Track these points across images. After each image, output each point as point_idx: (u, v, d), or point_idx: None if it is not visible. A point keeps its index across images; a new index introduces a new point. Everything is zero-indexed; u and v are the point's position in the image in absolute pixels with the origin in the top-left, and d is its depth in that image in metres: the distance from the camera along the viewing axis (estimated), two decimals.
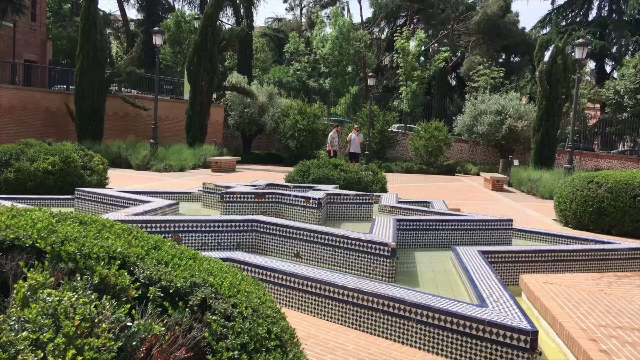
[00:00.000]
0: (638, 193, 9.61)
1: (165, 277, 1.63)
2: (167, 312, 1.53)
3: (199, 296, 1.63)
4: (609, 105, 35.66)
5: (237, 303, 1.67)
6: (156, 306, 1.54)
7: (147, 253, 1.78)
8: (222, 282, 1.76)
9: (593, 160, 31.11)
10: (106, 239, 1.75)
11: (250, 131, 30.45)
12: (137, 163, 19.87)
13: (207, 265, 1.88)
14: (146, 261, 1.71)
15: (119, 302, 1.47)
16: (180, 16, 37.76)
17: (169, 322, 1.49)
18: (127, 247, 1.74)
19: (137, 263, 1.68)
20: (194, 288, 1.66)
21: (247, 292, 1.80)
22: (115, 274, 1.53)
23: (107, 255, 1.63)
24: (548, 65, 22.42)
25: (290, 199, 7.68)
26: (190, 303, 1.60)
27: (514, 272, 6.57)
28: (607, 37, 45.64)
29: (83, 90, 22.03)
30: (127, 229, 1.98)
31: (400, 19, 50.90)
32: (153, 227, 6.02)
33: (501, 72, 36.60)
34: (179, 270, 1.72)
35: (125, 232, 1.92)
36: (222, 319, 1.57)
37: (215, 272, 1.84)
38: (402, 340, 4.33)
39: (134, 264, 1.68)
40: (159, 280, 1.62)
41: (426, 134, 28.67)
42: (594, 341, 4.28)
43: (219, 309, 1.60)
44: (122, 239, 1.83)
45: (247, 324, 1.60)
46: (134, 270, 1.66)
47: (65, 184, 11.03)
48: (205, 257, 2.06)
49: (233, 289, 1.75)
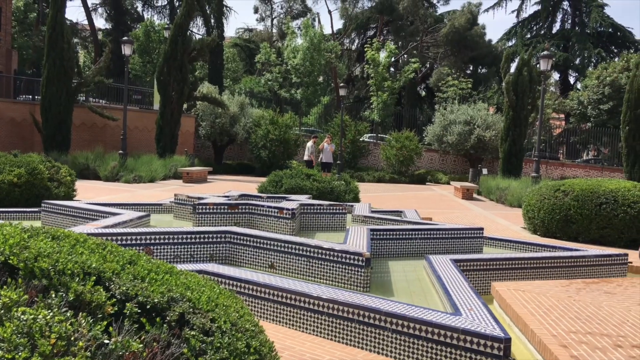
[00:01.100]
0: (603, 201, 9.86)
1: (142, 293, 1.61)
2: (144, 328, 1.51)
3: (177, 311, 1.60)
4: (573, 115, 36.59)
5: (215, 317, 1.65)
6: (133, 322, 1.52)
7: (123, 268, 1.75)
8: (200, 296, 1.73)
9: (559, 169, 31.83)
10: (80, 254, 1.71)
11: (222, 141, 30.28)
12: (105, 174, 19.53)
13: (184, 279, 1.86)
14: (122, 276, 1.67)
15: (95, 319, 1.44)
16: (150, 26, 37.45)
17: (147, 338, 1.46)
18: (102, 263, 1.71)
19: (113, 279, 1.65)
20: (171, 303, 1.63)
21: (226, 306, 1.78)
22: (91, 290, 1.49)
23: (82, 271, 1.59)
24: (514, 77, 22.91)
25: (263, 209, 7.65)
26: (168, 318, 1.57)
27: (486, 279, 6.66)
28: (571, 49, 46.92)
29: (49, 100, 21.60)
30: (102, 244, 1.94)
31: (370, 30, 51.48)
32: (124, 240, 5.92)
33: (469, 83, 37.26)
34: (156, 285, 1.70)
35: (99, 247, 1.88)
36: (201, 334, 1.55)
37: (193, 286, 1.81)
38: (377, 350, 4.33)
39: (109, 279, 1.64)
40: (136, 296, 1.60)
41: (397, 143, 28.95)
42: (565, 347, 4.36)
43: (198, 324, 1.58)
44: (96, 254, 1.79)
45: (226, 338, 1.59)
46: (109, 286, 1.62)
47: (31, 196, 10.79)
48: (182, 271, 2.03)
49: (211, 303, 1.73)
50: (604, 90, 32.75)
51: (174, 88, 23.81)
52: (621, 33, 46.32)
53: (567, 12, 49.57)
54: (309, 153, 21.86)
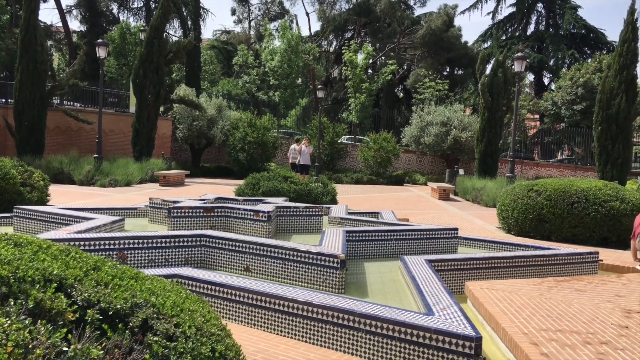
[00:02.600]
0: (575, 200, 10.04)
1: (104, 299, 1.60)
2: (106, 334, 1.51)
3: (140, 317, 1.60)
4: (547, 116, 37.16)
5: (180, 322, 1.66)
6: (95, 329, 1.51)
7: (86, 274, 1.74)
8: (165, 301, 1.74)
9: (534, 169, 32.30)
10: (42, 261, 1.70)
11: (200, 144, 30.11)
12: (80, 178, 19.27)
13: (149, 284, 1.86)
14: (84, 283, 1.67)
15: (55, 326, 1.43)
16: (126, 28, 37.08)
17: (108, 345, 1.46)
18: (64, 269, 1.70)
19: (75, 285, 1.64)
20: (135, 309, 1.63)
21: (191, 310, 1.79)
22: (51, 297, 1.49)
23: (43, 278, 1.59)
24: (489, 78, 23.21)
25: (239, 212, 7.63)
26: (131, 324, 1.57)
27: (460, 279, 6.74)
28: (545, 50, 47.65)
29: (22, 103, 21.26)
30: (65, 250, 1.93)
31: (348, 32, 51.66)
32: (96, 245, 5.86)
33: (446, 85, 37.63)
34: (120, 291, 1.70)
35: (62, 253, 1.87)
36: (164, 339, 1.56)
37: (158, 291, 1.82)
38: (352, 351, 4.36)
39: (71, 286, 1.64)
40: (98, 302, 1.59)
41: (375, 145, 29.09)
42: (536, 345, 4.44)
43: (161, 329, 1.58)
44: (59, 260, 1.78)
45: (191, 343, 1.59)
46: (71, 292, 1.62)
47: (3, 202, 10.61)
48: (148, 276, 2.03)
49: (176, 308, 1.73)
50: (577, 91, 33.32)
51: (150, 91, 23.61)
52: (594, 34, 47.20)
53: (541, 14, 50.35)
54: (294, 156, 21.91)
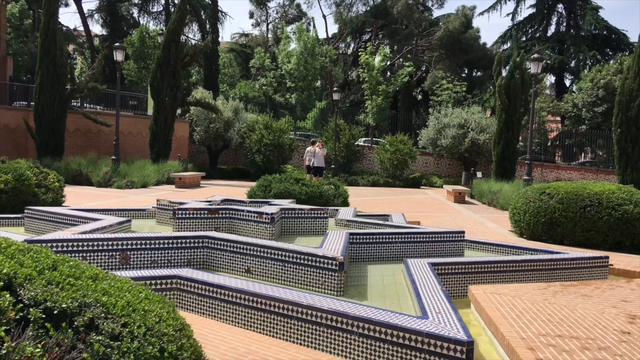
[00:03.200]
0: (588, 204, 9.86)
1: (51, 298, 1.62)
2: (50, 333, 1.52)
3: (87, 316, 1.61)
4: (568, 118, 36.65)
5: (128, 322, 1.66)
6: (39, 328, 1.53)
7: (41, 273, 1.76)
8: (117, 301, 1.74)
9: (554, 172, 31.84)
10: None
11: (217, 146, 30.31)
12: (97, 180, 19.53)
13: (106, 284, 1.86)
14: (35, 282, 1.68)
15: None
16: (145, 31, 37.53)
17: (49, 343, 1.47)
18: (18, 268, 1.72)
19: (24, 284, 1.66)
20: (83, 308, 1.64)
21: (145, 310, 1.79)
22: None
23: None
24: (506, 80, 22.97)
25: (243, 214, 7.65)
26: (76, 324, 1.58)
27: (464, 283, 6.66)
28: (566, 51, 47.01)
29: (42, 106, 21.64)
30: (26, 249, 1.95)
31: (365, 34, 51.60)
32: (99, 246, 5.93)
33: (464, 86, 37.33)
34: (71, 290, 1.71)
35: (20, 253, 1.89)
36: (108, 339, 1.56)
37: (113, 291, 1.82)
38: (345, 354, 4.33)
39: (20, 285, 1.65)
40: (45, 302, 1.61)
41: (391, 147, 28.97)
42: (532, 350, 4.36)
43: (107, 328, 1.59)
44: (14, 259, 1.80)
45: (136, 343, 1.59)
46: (19, 291, 1.63)
47: (18, 203, 10.77)
48: (110, 275, 2.04)
49: (128, 308, 1.74)
50: (597, 93, 32.81)
51: (167, 94, 23.85)
52: (616, 35, 46.43)
53: (562, 15, 49.70)
54: (309, 158, 21.92)
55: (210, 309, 5.10)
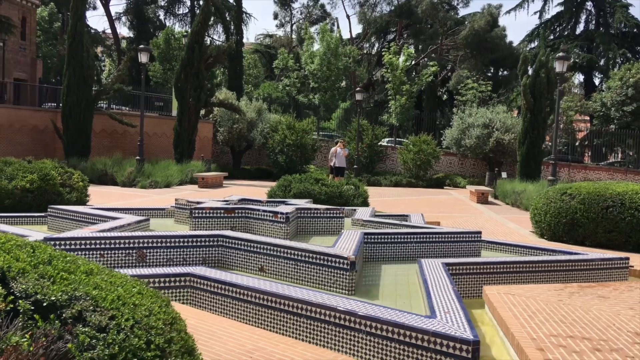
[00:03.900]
0: (610, 204, 9.69)
1: (41, 291, 1.69)
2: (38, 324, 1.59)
3: (75, 309, 1.68)
4: (597, 117, 35.97)
5: (116, 315, 1.73)
6: (28, 319, 1.60)
7: (35, 267, 1.84)
8: (107, 295, 1.81)
9: (582, 172, 31.27)
10: None
11: (240, 147, 30.56)
12: (122, 180, 19.89)
13: (99, 279, 1.93)
14: (28, 276, 1.76)
15: None
16: (170, 33, 38.05)
17: (36, 333, 1.54)
18: (12, 262, 1.80)
19: (17, 277, 1.73)
20: (72, 301, 1.71)
21: (135, 304, 1.85)
22: None
23: None
24: (532, 79, 22.67)
25: (259, 213, 7.73)
26: (64, 315, 1.65)
27: (479, 283, 6.63)
28: (595, 50, 46.14)
29: (70, 107, 22.13)
30: (23, 244, 2.03)
31: (390, 34, 51.41)
32: (116, 244, 6.06)
33: (489, 86, 36.92)
34: (63, 284, 1.78)
35: (17, 248, 1.97)
36: (95, 330, 1.63)
37: (105, 285, 1.89)
38: (352, 352, 4.36)
39: (13, 278, 1.73)
40: (35, 294, 1.68)
41: (415, 147, 28.82)
42: (542, 350, 4.33)
43: (94, 321, 1.65)
44: (10, 254, 1.88)
45: (122, 335, 1.65)
46: (11, 284, 1.71)
47: (43, 202, 11.03)
48: (107, 271, 2.11)
49: (118, 301, 1.80)
50: (627, 92, 32.13)
51: (191, 95, 24.16)
52: None
53: (591, 13, 48.79)
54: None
55: (222, 307, 5.18)
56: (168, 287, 5.39)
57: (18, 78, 31.81)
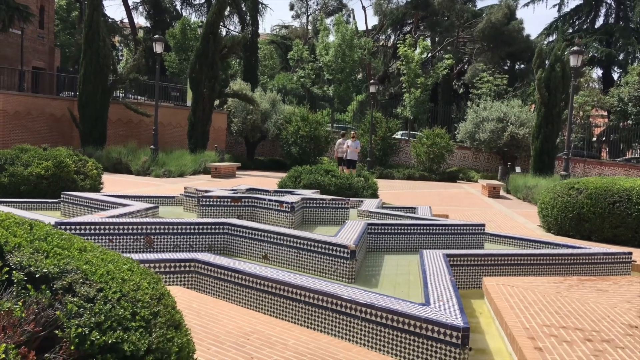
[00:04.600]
0: (617, 199, 9.68)
1: (35, 264, 1.83)
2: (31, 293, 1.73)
3: (66, 281, 1.82)
4: (614, 112, 35.55)
5: (104, 288, 1.86)
6: (22, 289, 1.74)
7: (31, 243, 1.98)
8: (97, 270, 1.95)
9: (597, 168, 30.95)
10: None
11: (254, 137, 30.75)
12: (137, 169, 20.17)
13: (91, 255, 2.07)
14: (23, 250, 1.90)
15: None
16: (186, 24, 38.26)
17: (28, 301, 1.68)
18: (9, 237, 1.94)
19: (13, 251, 1.88)
20: (63, 274, 1.85)
21: (124, 279, 1.99)
22: None
23: None
24: (547, 73, 22.49)
25: (265, 203, 7.87)
26: (55, 287, 1.79)
27: (480, 275, 6.71)
28: (614, 44, 45.49)
29: (86, 96, 22.44)
30: (21, 222, 2.18)
31: (406, 26, 51.13)
32: (124, 230, 6.24)
33: (505, 79, 36.63)
34: (56, 258, 1.92)
35: (15, 225, 2.12)
36: (83, 300, 1.76)
37: (96, 261, 2.03)
38: (347, 337, 4.49)
39: (9, 252, 1.87)
40: (29, 266, 1.82)
41: (428, 140, 28.79)
42: (532, 339, 4.42)
43: (82, 292, 1.79)
44: (9, 230, 2.03)
45: (108, 305, 1.79)
46: (6, 257, 1.85)
47: (58, 188, 11.27)
48: (100, 249, 2.25)
49: (107, 276, 1.94)
50: None
51: (205, 85, 24.36)
52: None
53: (610, 7, 48.05)
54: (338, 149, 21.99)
55: (224, 292, 5.33)
56: (173, 272, 5.55)
57: (36, 66, 32.26)
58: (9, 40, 29.97)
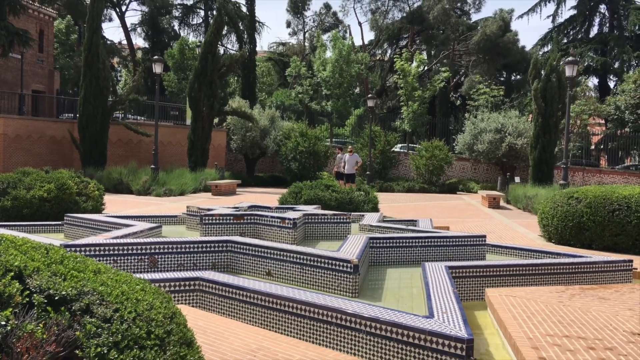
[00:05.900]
0: (616, 207, 9.75)
1: (53, 287, 1.90)
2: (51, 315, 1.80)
3: (84, 302, 1.89)
4: (611, 120, 35.75)
5: (120, 308, 1.94)
6: (42, 311, 1.81)
7: (48, 266, 2.05)
8: (112, 291, 2.02)
9: (596, 176, 31.05)
10: (10, 255, 2.02)
11: (254, 154, 30.88)
12: (137, 188, 20.26)
13: (105, 277, 2.15)
14: (42, 273, 1.97)
15: (5, 307, 1.74)
16: (184, 44, 38.60)
17: (49, 323, 1.75)
18: (28, 262, 2.01)
19: (32, 275, 1.95)
20: (81, 296, 1.92)
21: (138, 299, 2.06)
22: (5, 283, 1.80)
23: (5, 268, 1.90)
24: (543, 83, 22.68)
25: (267, 219, 7.95)
26: (74, 308, 1.86)
27: (482, 286, 6.76)
28: (609, 53, 45.86)
29: (86, 118, 22.59)
30: (37, 246, 2.26)
31: (402, 40, 51.58)
32: (128, 250, 6.30)
33: (501, 91, 36.90)
34: (73, 281, 1.99)
35: (32, 249, 2.19)
36: (101, 321, 1.83)
37: (111, 283, 2.10)
38: (353, 351, 4.54)
39: (29, 275, 1.94)
40: (48, 289, 1.89)
41: (427, 153, 28.92)
42: (536, 349, 4.47)
43: (100, 313, 1.87)
44: (27, 255, 2.10)
45: (125, 325, 1.86)
46: (27, 281, 1.93)
47: (60, 211, 11.34)
48: (114, 271, 2.32)
49: (122, 296, 2.01)
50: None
51: (204, 103, 24.53)
52: None
53: (604, 16, 48.54)
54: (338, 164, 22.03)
55: (230, 309, 5.39)
56: (179, 290, 5.61)
57: (36, 90, 32.50)
58: (9, 64, 30.23)
